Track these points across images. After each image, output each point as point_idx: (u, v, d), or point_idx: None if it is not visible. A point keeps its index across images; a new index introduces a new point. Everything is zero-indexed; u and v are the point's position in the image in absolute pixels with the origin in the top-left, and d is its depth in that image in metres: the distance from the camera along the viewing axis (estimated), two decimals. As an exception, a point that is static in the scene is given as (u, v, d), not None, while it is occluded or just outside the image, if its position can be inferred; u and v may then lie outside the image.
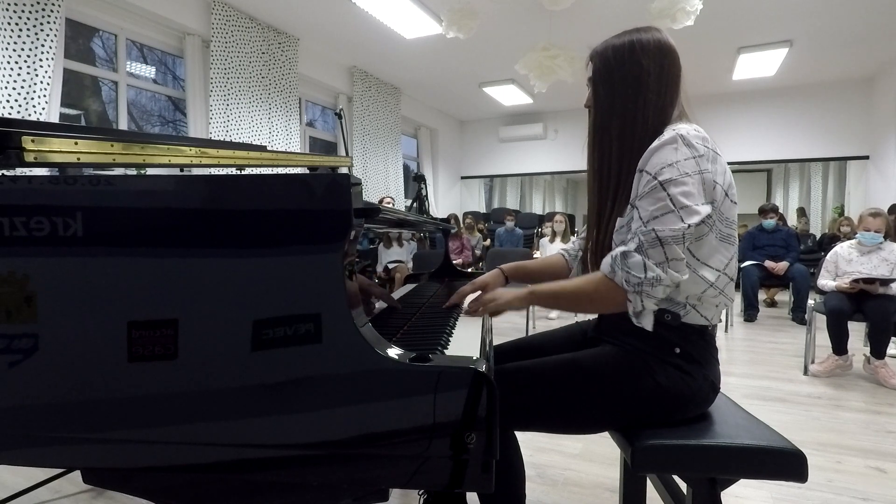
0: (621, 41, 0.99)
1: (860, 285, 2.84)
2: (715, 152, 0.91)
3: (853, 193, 7.36)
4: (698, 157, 0.88)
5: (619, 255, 0.89)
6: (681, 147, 0.88)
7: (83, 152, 0.86)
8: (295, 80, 5.11)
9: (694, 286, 0.93)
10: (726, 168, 0.93)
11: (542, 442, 1.97)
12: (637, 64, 0.96)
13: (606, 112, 1.00)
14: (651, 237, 0.86)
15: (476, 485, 0.64)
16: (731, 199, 0.93)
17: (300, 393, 0.64)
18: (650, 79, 0.96)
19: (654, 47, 0.96)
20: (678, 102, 0.99)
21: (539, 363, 0.98)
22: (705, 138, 0.91)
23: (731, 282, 0.96)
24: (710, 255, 0.93)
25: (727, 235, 0.94)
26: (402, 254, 1.58)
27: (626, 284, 0.88)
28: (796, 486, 1.55)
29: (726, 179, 0.92)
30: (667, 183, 0.87)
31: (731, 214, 0.94)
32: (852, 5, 4.56)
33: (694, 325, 0.95)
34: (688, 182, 0.87)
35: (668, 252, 0.86)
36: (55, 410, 0.67)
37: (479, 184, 10.04)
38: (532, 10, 4.54)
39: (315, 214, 0.65)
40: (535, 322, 4.51)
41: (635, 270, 0.87)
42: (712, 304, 0.95)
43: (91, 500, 1.56)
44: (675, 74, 0.98)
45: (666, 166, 0.88)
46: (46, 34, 3.02)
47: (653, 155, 0.90)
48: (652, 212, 0.88)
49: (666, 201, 0.87)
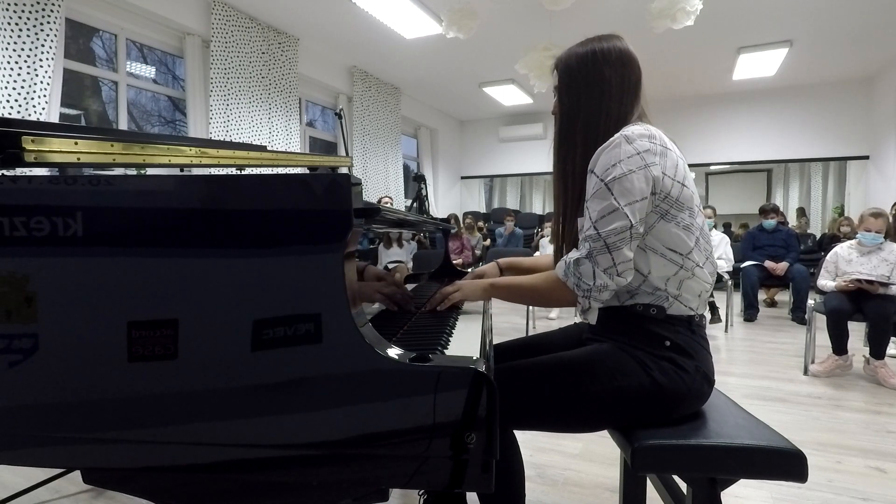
0: (584, 50, 1.03)
1: (860, 284, 2.84)
2: (664, 147, 0.95)
3: (853, 193, 7.36)
4: (643, 153, 0.92)
5: (572, 262, 0.96)
6: (623, 146, 0.92)
7: (83, 152, 0.86)
8: (295, 80, 5.11)
9: (664, 269, 0.97)
10: (678, 160, 0.97)
11: (542, 442, 1.97)
12: (599, 73, 1.00)
13: (571, 119, 1.04)
14: (599, 244, 0.92)
15: (476, 485, 0.64)
16: (689, 188, 0.97)
17: (300, 393, 0.64)
18: (612, 87, 1.01)
19: (616, 57, 1.01)
20: (638, 107, 1.03)
21: (537, 362, 0.99)
22: (652, 135, 0.95)
23: (700, 268, 0.98)
24: (671, 241, 0.96)
25: (688, 224, 0.97)
26: (402, 254, 1.58)
27: (576, 289, 0.96)
28: (796, 486, 1.55)
29: (679, 171, 0.96)
30: (611, 182, 0.92)
31: (689, 203, 0.97)
32: (852, 5, 4.56)
33: (680, 316, 0.98)
34: (633, 179, 0.91)
35: (615, 257, 0.92)
36: (55, 410, 0.67)
37: (479, 184, 10.04)
38: (532, 10, 4.54)
39: (315, 214, 0.65)
40: (535, 322, 4.51)
41: (585, 278, 0.94)
42: (693, 293, 0.99)
43: (91, 500, 1.56)
44: (635, 83, 1.02)
45: (610, 166, 0.92)
46: (46, 34, 3.02)
47: (601, 156, 0.95)
48: (599, 212, 0.93)
49: (610, 200, 0.92)
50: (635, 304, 0.99)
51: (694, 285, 0.98)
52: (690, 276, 0.97)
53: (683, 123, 7.53)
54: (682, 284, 0.97)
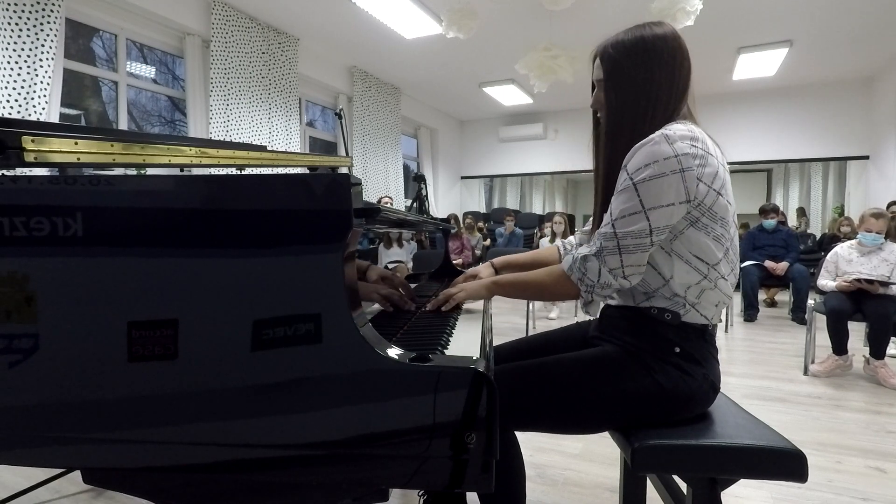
0: (632, 42, 0.96)
1: (860, 284, 2.84)
2: (706, 151, 0.89)
3: (853, 193, 7.36)
4: (681, 156, 0.87)
5: (580, 258, 0.95)
6: (663, 145, 0.87)
7: (83, 152, 0.86)
8: (295, 80, 5.11)
9: (687, 276, 0.93)
10: (719, 168, 0.91)
11: (542, 442, 1.97)
12: (650, 71, 0.94)
13: (619, 115, 0.98)
14: (612, 244, 0.91)
15: (476, 485, 0.64)
16: (725, 198, 0.92)
17: (300, 393, 0.64)
18: (661, 86, 0.95)
19: (668, 52, 0.95)
20: (685, 105, 0.98)
21: (539, 363, 0.98)
22: (695, 137, 0.89)
23: (724, 280, 0.95)
24: (699, 250, 0.92)
25: (719, 235, 0.92)
26: (402, 254, 1.58)
27: (579, 283, 0.96)
28: (796, 486, 1.55)
29: (718, 179, 0.90)
30: (640, 183, 0.88)
31: (724, 213, 0.92)
32: (852, 5, 4.56)
33: (694, 324, 0.95)
34: (663, 183, 0.87)
35: (625, 260, 0.90)
36: (55, 410, 0.67)
37: (479, 184, 10.04)
38: (532, 10, 4.54)
39: (315, 214, 0.65)
40: (535, 322, 4.51)
41: (590, 274, 0.93)
42: (711, 302, 0.96)
43: (91, 500, 1.56)
44: (685, 79, 0.97)
45: (643, 166, 0.88)
46: (46, 34, 3.02)
47: (636, 153, 0.90)
48: (622, 211, 0.90)
49: (636, 201, 0.88)
50: (650, 307, 0.96)
51: (714, 296, 0.95)
52: (713, 287, 0.94)
53: (683, 123, 7.51)
54: (702, 294, 0.94)
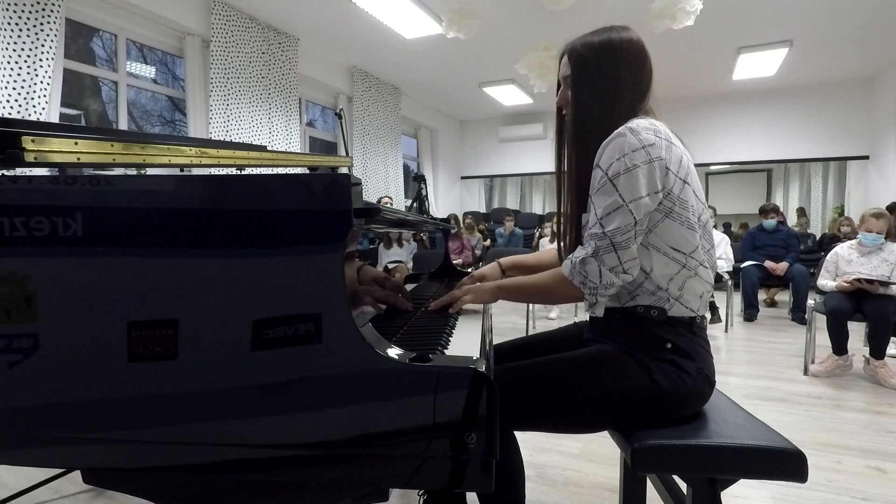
0: (599, 42, 1.01)
1: (860, 284, 2.84)
2: (669, 142, 0.94)
3: (853, 193, 7.36)
4: (648, 147, 0.91)
5: (578, 262, 0.96)
6: (629, 137, 0.91)
7: (83, 152, 0.86)
8: (295, 80, 5.11)
9: (666, 267, 0.96)
10: (682, 156, 0.96)
11: (542, 442, 1.97)
12: (615, 68, 0.99)
13: (586, 113, 1.02)
14: (605, 243, 0.92)
15: (476, 485, 0.64)
16: (691, 186, 0.96)
17: (300, 393, 0.64)
18: (626, 83, 0.99)
19: (632, 51, 1.00)
20: (647, 103, 1.02)
21: (538, 363, 0.99)
22: (657, 129, 0.94)
23: (704, 267, 0.98)
24: (675, 240, 0.95)
25: (691, 223, 0.95)
26: (402, 254, 1.58)
27: (582, 287, 0.96)
28: (796, 486, 1.55)
29: (682, 167, 0.95)
30: (616, 178, 0.91)
31: (692, 201, 0.96)
32: (852, 5, 4.56)
33: (681, 318, 0.97)
34: (637, 174, 0.90)
35: (621, 256, 0.92)
36: (55, 410, 0.67)
37: (479, 184, 10.04)
38: (532, 10, 4.54)
39: (315, 214, 0.65)
40: (535, 322, 4.51)
41: (591, 276, 0.94)
42: (695, 294, 0.98)
43: (91, 500, 1.56)
44: (647, 78, 1.02)
45: (615, 159, 0.91)
46: (46, 34, 3.02)
47: (605, 149, 0.94)
48: (605, 208, 0.92)
49: (615, 196, 0.91)
50: (636, 306, 0.98)
51: (696, 285, 0.97)
52: (693, 276, 0.97)
53: (683, 123, 7.51)
54: (684, 284, 0.96)
